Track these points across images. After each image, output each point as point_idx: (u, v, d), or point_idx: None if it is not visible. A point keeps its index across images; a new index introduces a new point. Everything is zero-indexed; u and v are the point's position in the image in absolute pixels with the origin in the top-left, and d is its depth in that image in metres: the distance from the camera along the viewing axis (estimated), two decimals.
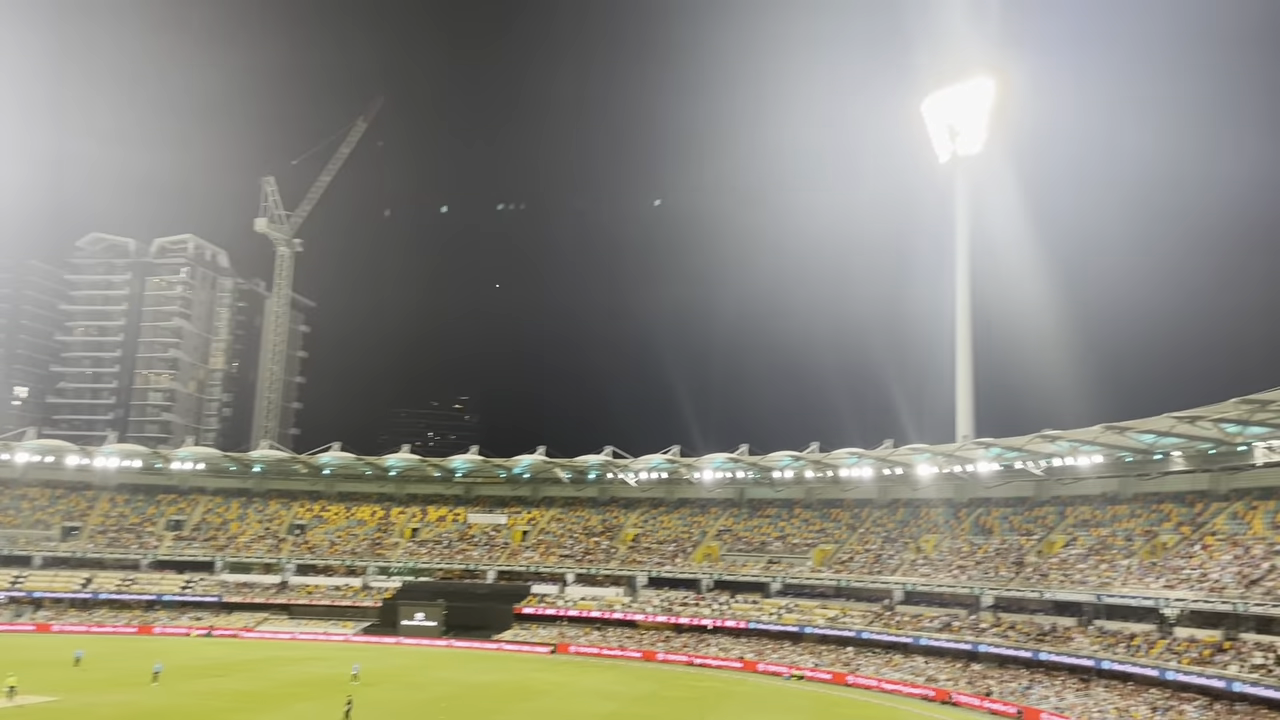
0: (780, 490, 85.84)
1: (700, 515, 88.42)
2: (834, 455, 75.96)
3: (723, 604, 77.04)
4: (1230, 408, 48.68)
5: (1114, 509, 66.53)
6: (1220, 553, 55.16)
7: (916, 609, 68.84)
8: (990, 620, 63.53)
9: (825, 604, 73.78)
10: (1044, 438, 61.41)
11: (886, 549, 75.32)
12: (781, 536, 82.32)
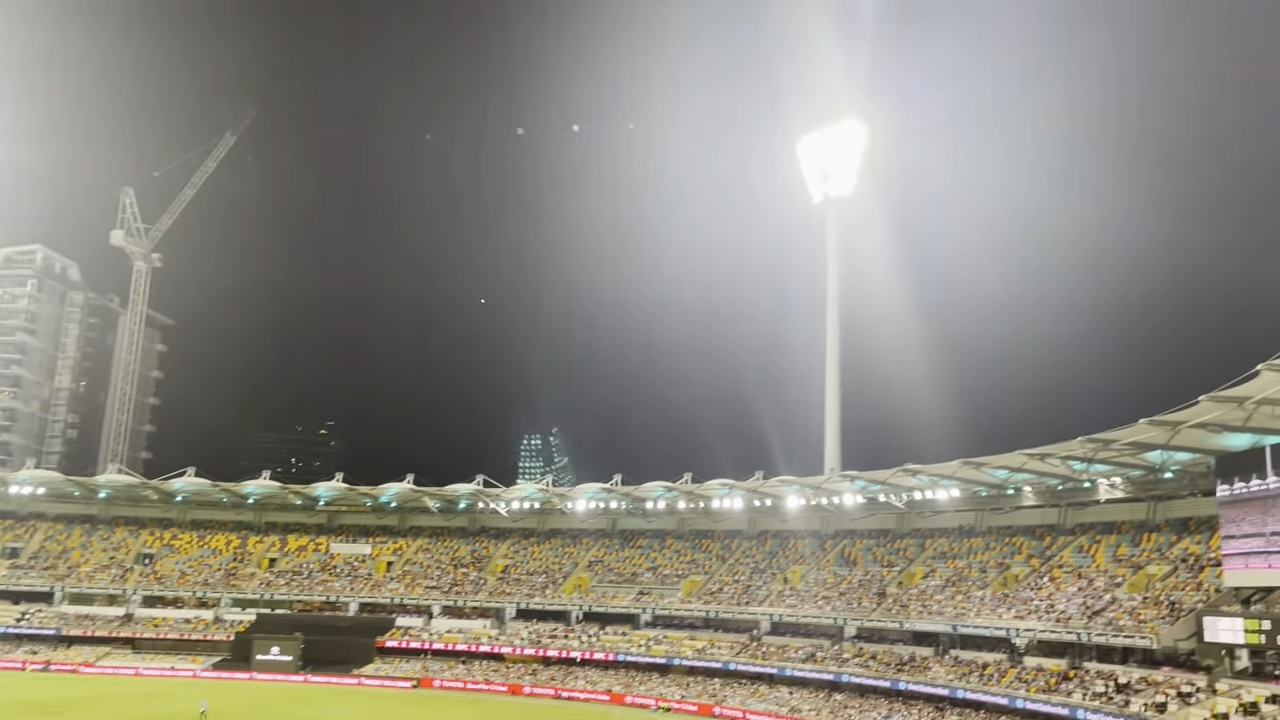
0: (653, 521, 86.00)
1: (572, 546, 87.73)
2: (706, 486, 76.60)
3: (592, 636, 76.42)
4: (1076, 446, 51.13)
5: (970, 541, 69.06)
6: (1066, 584, 57.78)
7: (783, 639, 69.75)
8: (853, 650, 64.87)
9: (694, 635, 74.03)
10: (906, 471, 63.32)
11: (755, 580, 76.21)
12: (653, 567, 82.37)
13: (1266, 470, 46.84)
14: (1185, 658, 48.03)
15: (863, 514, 74.96)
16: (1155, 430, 45.91)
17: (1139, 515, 60.54)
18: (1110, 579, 56.15)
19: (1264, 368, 35.99)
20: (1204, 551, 53.32)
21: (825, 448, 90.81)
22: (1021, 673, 53.96)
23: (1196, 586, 51.25)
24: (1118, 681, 48.31)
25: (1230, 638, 45.16)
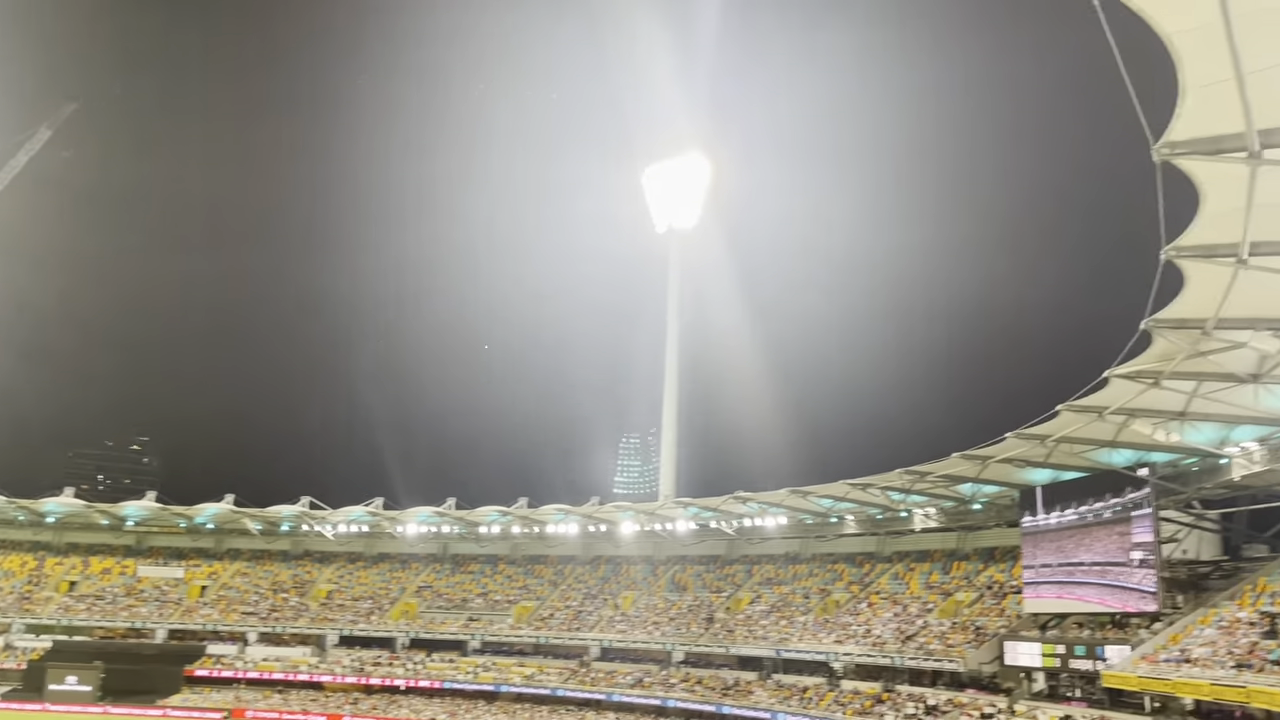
0: (486, 545, 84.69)
1: (401, 571, 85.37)
2: (542, 511, 76.09)
3: (418, 663, 74.37)
4: (895, 477, 53.59)
5: (795, 568, 71.18)
6: (883, 610, 60.28)
7: (612, 665, 69.81)
8: (680, 675, 65.56)
9: (523, 661, 73.17)
10: (737, 499, 64.80)
11: (587, 605, 76.11)
12: (484, 593, 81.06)
13: (1037, 507, 50.65)
14: (989, 680, 50.81)
15: (695, 540, 76.14)
16: (967, 464, 48.64)
17: (950, 544, 63.92)
18: (923, 605, 58.91)
19: (1063, 408, 38.67)
20: (1007, 579, 56.71)
21: (660, 474, 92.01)
22: (839, 695, 55.81)
23: (1000, 612, 54.40)
24: (927, 704, 50.60)
25: (1028, 661, 48.13)
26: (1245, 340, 28.20)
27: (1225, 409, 35.96)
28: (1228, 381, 33.25)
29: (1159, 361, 32.33)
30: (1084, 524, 47.74)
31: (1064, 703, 45.05)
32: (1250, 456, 40.02)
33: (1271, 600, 39.40)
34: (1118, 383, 34.49)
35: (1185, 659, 37.93)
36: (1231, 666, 34.71)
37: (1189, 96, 17.87)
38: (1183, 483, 45.31)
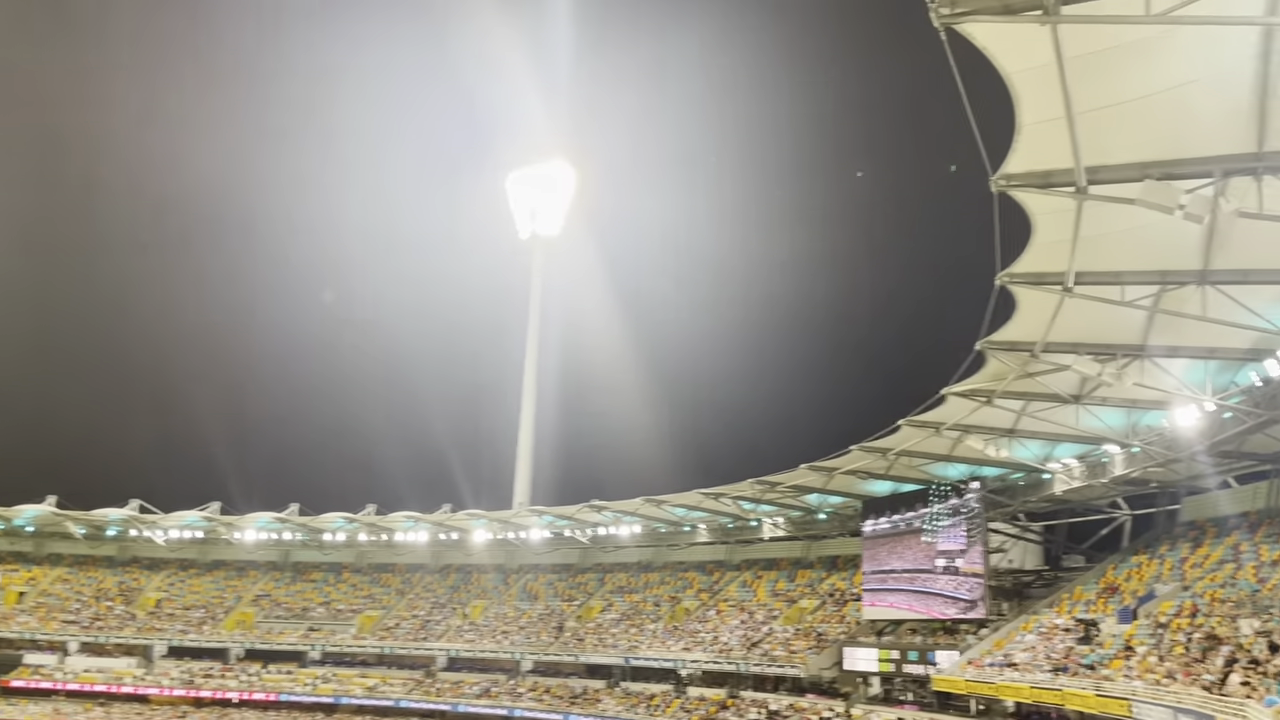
0: (330, 553, 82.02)
1: (237, 579, 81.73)
2: (390, 518, 74.23)
3: (252, 675, 71.31)
4: (747, 487, 54.87)
5: (647, 576, 71.86)
6: (730, 617, 61.52)
7: (458, 675, 68.72)
8: (528, 685, 65.14)
9: (366, 672, 71.15)
10: (592, 507, 64.91)
11: (435, 614, 74.70)
12: (326, 602, 78.46)
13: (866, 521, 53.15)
14: (828, 685, 52.54)
15: (548, 549, 75.85)
16: (814, 475, 50.25)
17: (796, 553, 65.87)
18: (769, 612, 60.43)
19: (904, 423, 40.43)
20: (848, 587, 58.80)
21: (515, 482, 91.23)
22: (685, 702, 56.59)
23: (840, 619, 56.35)
24: (769, 709, 51.89)
25: (865, 666, 50.02)
26: (1069, 363, 30.12)
27: (1050, 427, 38.34)
28: (1052, 401, 35.45)
29: (991, 381, 34.21)
30: (897, 532, 50.29)
31: (897, 706, 47.02)
32: (1071, 472, 42.83)
33: (1086, 608, 42.18)
34: (954, 400, 36.31)
35: (1008, 663, 40.16)
36: (1049, 670, 36.94)
37: (1024, 132, 19.00)
38: (1010, 496, 48.10)
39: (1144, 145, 19.30)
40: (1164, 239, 22.84)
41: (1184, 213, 18.41)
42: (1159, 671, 29.88)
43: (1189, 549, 42.26)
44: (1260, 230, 20.88)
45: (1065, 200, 20.85)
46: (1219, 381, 31.25)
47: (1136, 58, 16.88)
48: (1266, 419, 30.10)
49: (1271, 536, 38.35)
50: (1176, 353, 29.80)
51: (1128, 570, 44.46)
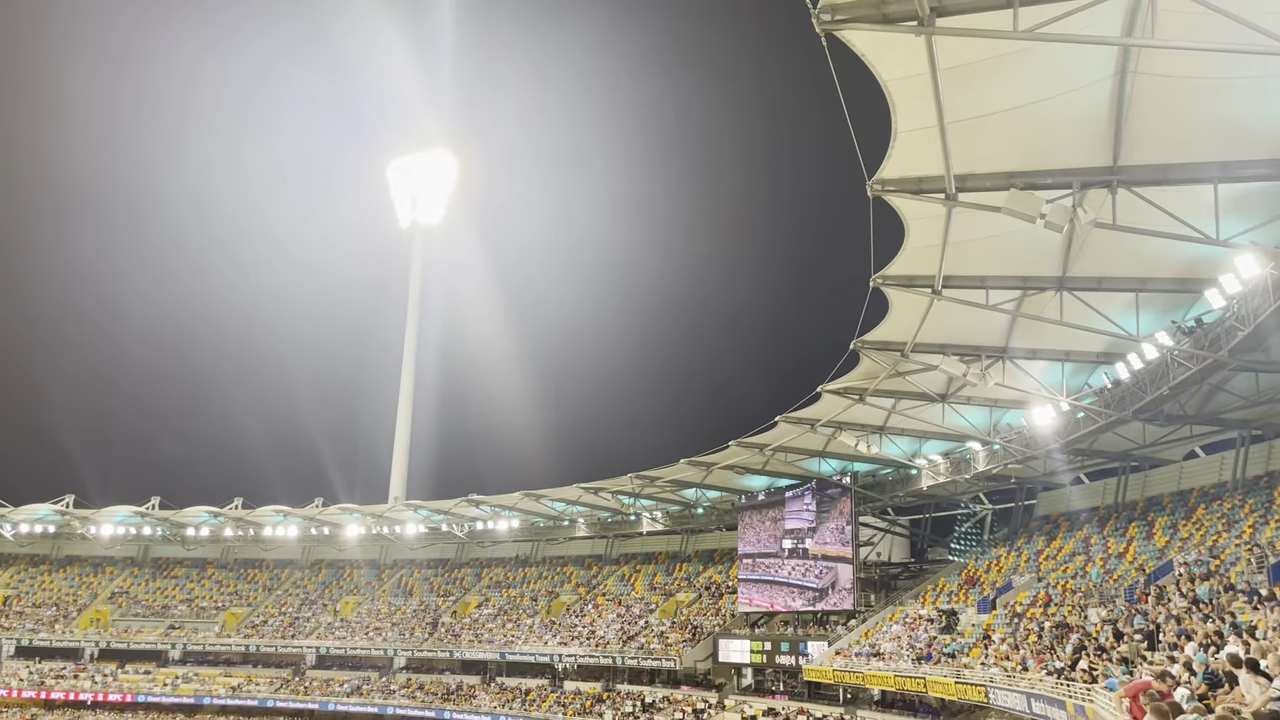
0: (193, 549, 78.71)
1: (93, 575, 77.72)
2: (258, 513, 71.61)
3: (108, 675, 67.89)
4: (626, 482, 55.12)
5: (524, 571, 71.46)
6: (608, 611, 61.71)
7: (329, 673, 66.94)
8: (401, 681, 63.95)
9: (230, 671, 68.60)
10: (470, 501, 64.12)
11: (304, 611, 72.58)
12: (189, 599, 75.33)
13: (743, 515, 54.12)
14: (703, 677, 53.27)
15: (424, 544, 74.60)
16: (692, 470, 50.86)
17: (674, 547, 66.56)
18: (646, 605, 60.88)
19: (780, 419, 41.28)
20: (724, 580, 59.74)
21: (391, 476, 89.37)
22: (561, 696, 56.52)
23: (715, 612, 57.19)
24: (644, 701, 52.29)
25: (739, 657, 50.91)
26: (937, 363, 31.29)
27: (918, 425, 39.80)
28: (921, 400, 36.79)
29: (864, 379, 35.27)
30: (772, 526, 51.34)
31: (769, 696, 48.02)
32: (936, 468, 44.55)
33: (949, 599, 43.94)
34: (828, 397, 37.30)
35: (874, 653, 41.51)
36: (913, 659, 38.33)
37: (899, 139, 19.61)
38: (879, 491, 49.72)
39: (1010, 155, 20.17)
40: (1026, 246, 23.95)
41: (1045, 221, 19.33)
42: (1014, 659, 31.34)
43: (1044, 542, 44.49)
44: (1114, 240, 22.10)
45: (936, 206, 21.61)
46: (1074, 383, 33.01)
47: (1005, 71, 17.60)
48: (1115, 419, 31.91)
49: (1118, 530, 40.72)
50: (1036, 355, 31.34)
51: (988, 562, 46.52)
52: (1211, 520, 35.71)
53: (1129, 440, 38.07)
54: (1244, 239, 20.28)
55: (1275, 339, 24.85)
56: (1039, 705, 26.56)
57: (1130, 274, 25.10)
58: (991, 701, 31.11)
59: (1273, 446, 37.06)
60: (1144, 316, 25.96)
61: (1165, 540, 36.67)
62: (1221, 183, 19.23)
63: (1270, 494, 34.58)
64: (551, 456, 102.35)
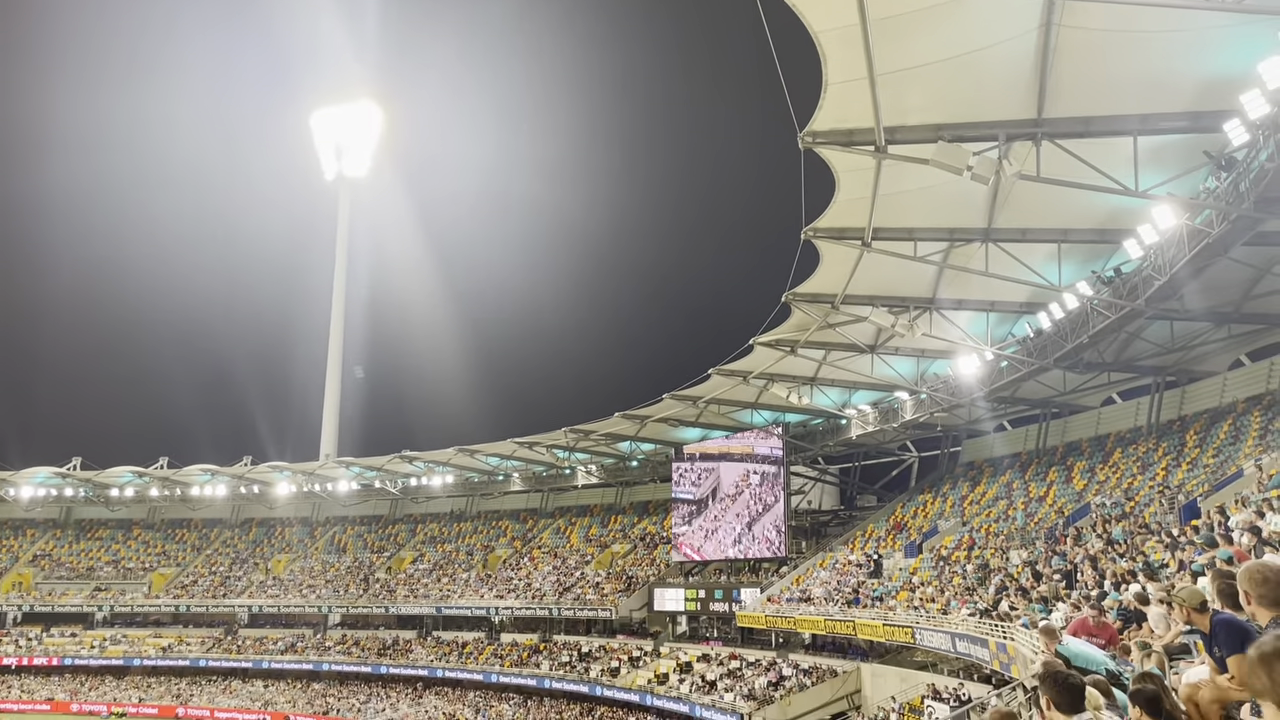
0: (117, 510, 76.94)
1: (12, 538, 75.61)
2: (185, 472, 70.18)
3: (32, 639, 66.41)
4: (560, 436, 55.20)
5: (460, 526, 71.37)
6: (544, 564, 62.06)
7: (262, 632, 66.36)
8: (336, 638, 63.70)
9: (160, 632, 67.61)
10: (403, 458, 63.65)
11: (235, 570, 71.66)
12: (114, 561, 73.80)
13: (677, 466, 54.56)
14: (638, 626, 54.01)
15: (356, 500, 73.99)
16: (627, 423, 51.10)
17: (609, 499, 67.02)
18: (581, 557, 61.35)
19: (714, 371, 41.64)
20: (659, 531, 60.42)
21: (322, 433, 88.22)
22: (498, 648, 56.87)
23: (651, 562, 57.88)
24: (580, 651, 52.89)
25: (674, 606, 51.70)
26: (866, 315, 31.78)
27: (847, 375, 40.48)
28: (850, 351, 37.40)
29: (795, 331, 35.68)
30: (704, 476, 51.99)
31: (703, 643, 48.95)
32: (865, 418, 45.42)
33: (877, 545, 45.07)
34: (760, 349, 37.68)
35: (805, 598, 42.47)
36: (842, 603, 39.34)
37: (830, 91, 19.66)
38: (810, 440, 50.57)
39: (938, 108, 20.39)
40: (954, 198, 24.33)
41: (971, 174, 19.64)
42: (939, 601, 32.35)
43: (968, 487, 45.79)
44: (1037, 192, 22.55)
45: (866, 159, 21.79)
46: (998, 333, 33.82)
47: (934, 23, 17.72)
48: (1037, 367, 32.83)
49: (1039, 475, 42.08)
50: (962, 305, 32.00)
51: (914, 508, 47.76)
52: (1127, 464, 37.08)
53: (1050, 388, 39.23)
54: (1161, 190, 20.86)
55: (1189, 288, 25.75)
56: (963, 644, 27.53)
57: (1053, 225, 25.70)
58: (918, 642, 32.14)
59: (1185, 392, 38.53)
60: (1065, 267, 26.62)
61: (1084, 484, 38.02)
62: (1141, 135, 19.70)
63: (1182, 438, 36.02)
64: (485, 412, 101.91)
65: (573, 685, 49.92)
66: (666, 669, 46.72)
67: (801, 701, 38.40)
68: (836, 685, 38.77)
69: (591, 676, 49.40)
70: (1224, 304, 29.63)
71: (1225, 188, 20.90)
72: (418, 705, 55.36)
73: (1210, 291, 27.41)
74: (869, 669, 38.31)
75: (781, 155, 26.22)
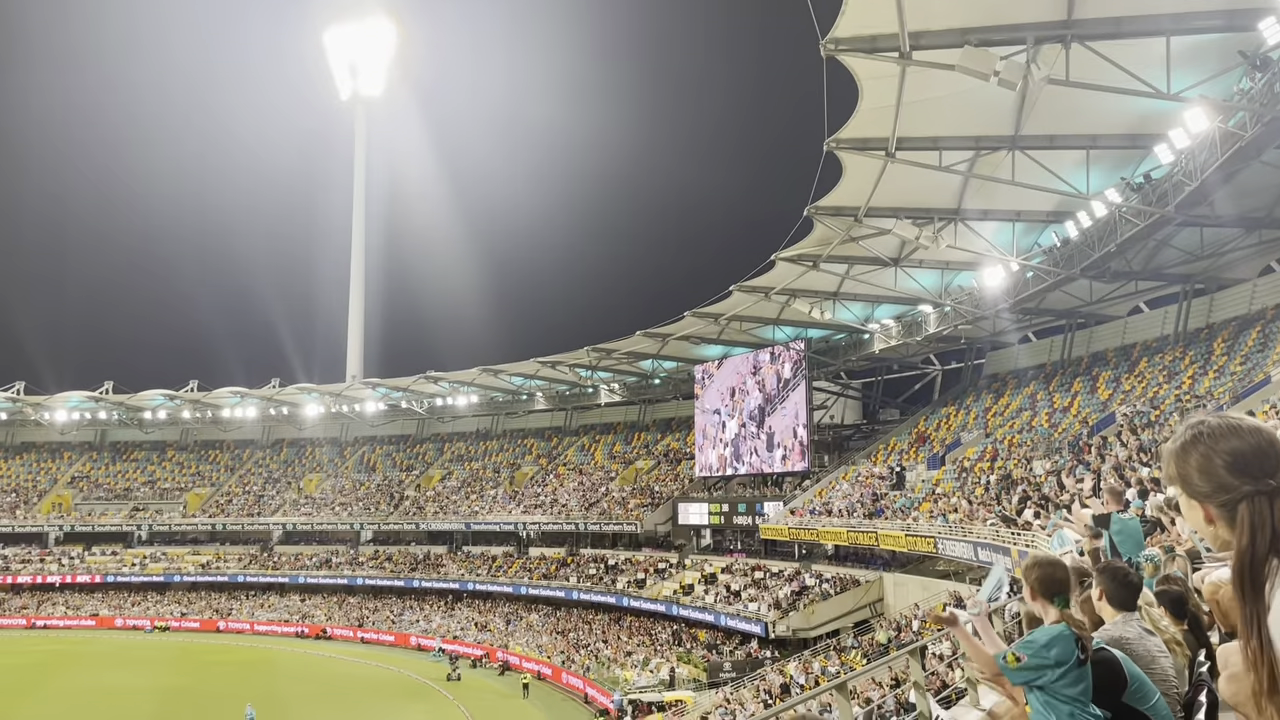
0: (151, 432, 78.43)
1: (50, 461, 77.40)
2: (215, 395, 71.29)
3: (75, 558, 68.49)
4: (583, 355, 55.44)
5: (485, 444, 72.33)
6: (569, 480, 62.96)
7: (296, 548, 68.10)
8: (369, 554, 65.30)
9: (198, 550, 69.52)
10: (428, 378, 64.27)
11: (268, 489, 73.22)
12: (150, 481, 75.53)
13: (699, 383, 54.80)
14: (663, 539, 54.92)
15: (384, 421, 75.01)
16: (648, 341, 51.20)
17: (632, 417, 67.54)
18: (606, 474, 62.16)
19: (735, 288, 41.47)
20: (682, 447, 60.97)
21: (348, 355, 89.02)
22: (527, 562, 58.14)
23: (674, 478, 58.58)
24: (607, 563, 53.96)
25: (698, 520, 52.42)
26: (890, 227, 31.43)
27: (871, 289, 40.20)
28: (874, 265, 37.08)
29: (818, 246, 35.36)
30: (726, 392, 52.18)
31: (727, 555, 49.76)
32: (888, 332, 45.25)
33: (900, 457, 45.34)
34: (782, 265, 37.43)
35: (827, 510, 42.98)
36: (865, 515, 39.79)
37: None
38: (832, 356, 50.52)
39: (964, 11, 19.83)
40: (980, 105, 23.80)
41: (998, 79, 19.18)
42: (962, 511, 32.66)
43: (992, 399, 45.78)
44: (1066, 97, 22.02)
45: (890, 65, 21.30)
46: (1024, 243, 33.39)
47: None
48: (1064, 277, 32.48)
49: (1063, 386, 41.97)
50: (987, 216, 31.55)
51: (937, 421, 47.88)
52: (1153, 373, 36.89)
53: (1076, 298, 38.84)
54: (1194, 92, 20.33)
55: (1220, 193, 25.25)
56: (985, 553, 27.87)
57: (1082, 131, 25.15)
58: (940, 551, 32.55)
59: (1214, 300, 38.05)
60: (1094, 174, 26.13)
61: (1108, 394, 37.90)
62: (1174, 35, 19.13)
63: (1209, 346, 35.71)
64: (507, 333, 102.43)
65: (600, 596, 51.07)
66: (691, 580, 47.63)
67: (825, 610, 39.14)
68: (859, 594, 39.45)
69: (618, 588, 50.48)
70: (1255, 209, 29.08)
71: (1260, 89, 20.32)
72: (450, 617, 56.90)
73: (1241, 197, 26.88)
74: (891, 578, 38.90)
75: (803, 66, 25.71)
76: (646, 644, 45.65)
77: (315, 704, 40.62)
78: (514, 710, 39.74)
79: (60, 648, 54.84)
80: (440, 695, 42.16)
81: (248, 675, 46.84)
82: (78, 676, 45.86)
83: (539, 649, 49.05)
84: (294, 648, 55.23)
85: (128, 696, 40.57)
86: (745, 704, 30.34)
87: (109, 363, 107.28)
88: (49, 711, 38.87)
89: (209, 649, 54.56)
